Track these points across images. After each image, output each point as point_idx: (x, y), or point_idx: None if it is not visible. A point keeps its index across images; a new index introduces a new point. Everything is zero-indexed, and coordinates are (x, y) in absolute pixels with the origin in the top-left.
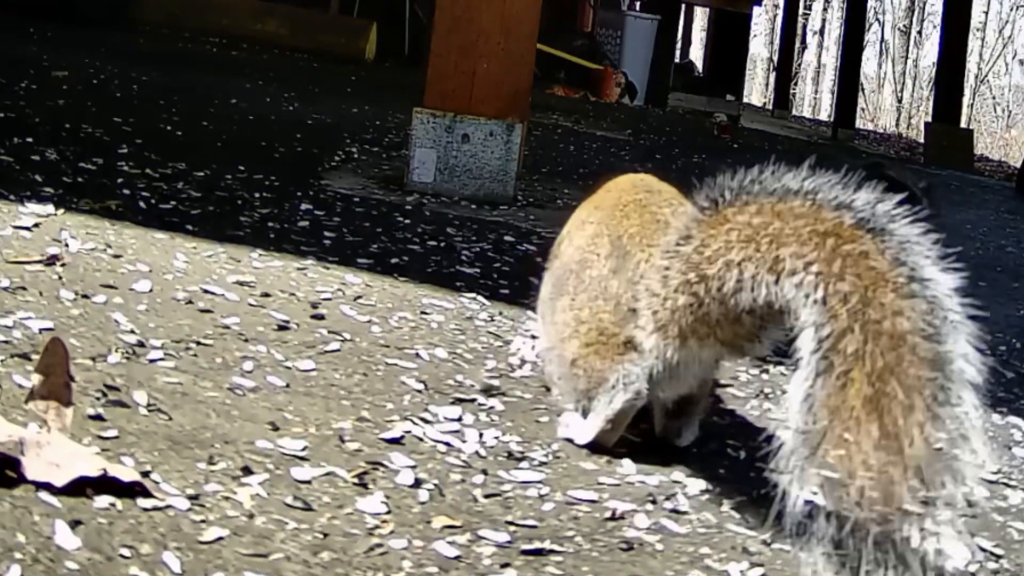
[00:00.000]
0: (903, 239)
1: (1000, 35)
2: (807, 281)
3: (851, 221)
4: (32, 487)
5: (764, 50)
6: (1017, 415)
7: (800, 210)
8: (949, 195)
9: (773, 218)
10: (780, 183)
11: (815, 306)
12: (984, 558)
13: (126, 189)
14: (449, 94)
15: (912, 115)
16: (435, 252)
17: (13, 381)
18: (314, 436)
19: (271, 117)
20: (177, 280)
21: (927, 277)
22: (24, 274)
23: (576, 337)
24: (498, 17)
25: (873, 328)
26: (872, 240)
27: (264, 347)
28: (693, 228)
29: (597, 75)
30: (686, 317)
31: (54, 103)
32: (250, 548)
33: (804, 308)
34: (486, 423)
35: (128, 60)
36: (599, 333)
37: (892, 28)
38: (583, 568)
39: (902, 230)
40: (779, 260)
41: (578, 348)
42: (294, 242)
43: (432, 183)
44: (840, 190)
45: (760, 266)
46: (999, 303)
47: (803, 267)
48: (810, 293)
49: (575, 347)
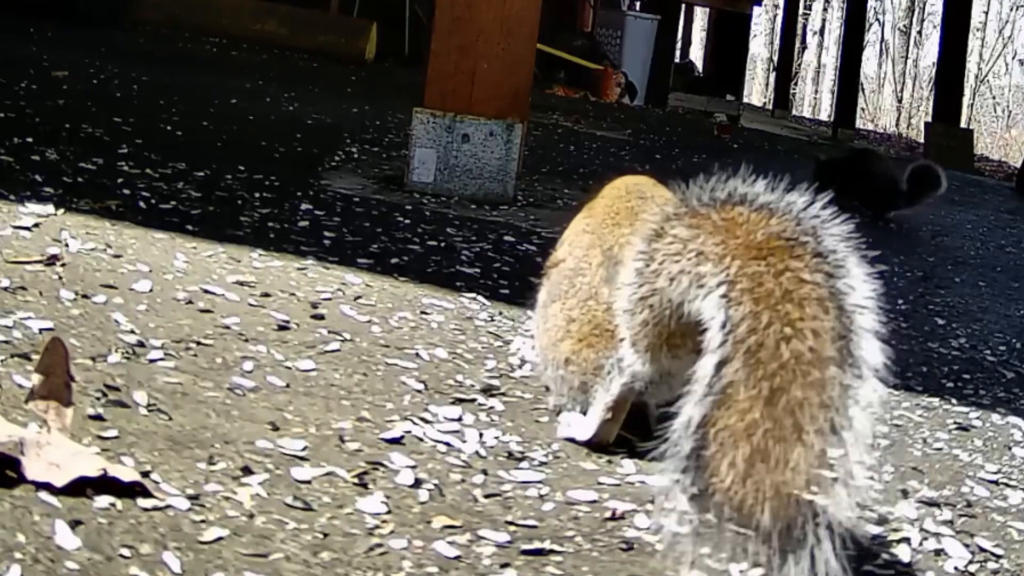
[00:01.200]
0: (829, 251)
1: (1000, 35)
2: (716, 300)
3: (778, 230)
4: (32, 487)
5: (764, 50)
6: (1017, 415)
7: (730, 222)
8: (949, 195)
9: (704, 231)
10: (720, 192)
11: (719, 329)
12: (984, 558)
13: (126, 189)
14: (449, 94)
15: (912, 115)
16: (435, 252)
17: (13, 381)
18: (314, 436)
19: (271, 117)
20: (177, 280)
21: (844, 291)
22: (24, 274)
23: (568, 337)
24: (498, 17)
25: (766, 352)
26: (793, 255)
27: (264, 347)
28: (645, 243)
29: (597, 75)
30: (651, 330)
31: (54, 103)
32: (250, 548)
33: (712, 327)
34: (486, 423)
35: (128, 60)
36: (592, 327)
37: (892, 28)
38: (583, 568)
39: (830, 242)
40: (701, 276)
41: (571, 346)
42: (294, 242)
43: (432, 183)
44: (775, 197)
45: (692, 281)
46: (999, 303)
47: (716, 285)
48: (715, 314)
49: (568, 346)
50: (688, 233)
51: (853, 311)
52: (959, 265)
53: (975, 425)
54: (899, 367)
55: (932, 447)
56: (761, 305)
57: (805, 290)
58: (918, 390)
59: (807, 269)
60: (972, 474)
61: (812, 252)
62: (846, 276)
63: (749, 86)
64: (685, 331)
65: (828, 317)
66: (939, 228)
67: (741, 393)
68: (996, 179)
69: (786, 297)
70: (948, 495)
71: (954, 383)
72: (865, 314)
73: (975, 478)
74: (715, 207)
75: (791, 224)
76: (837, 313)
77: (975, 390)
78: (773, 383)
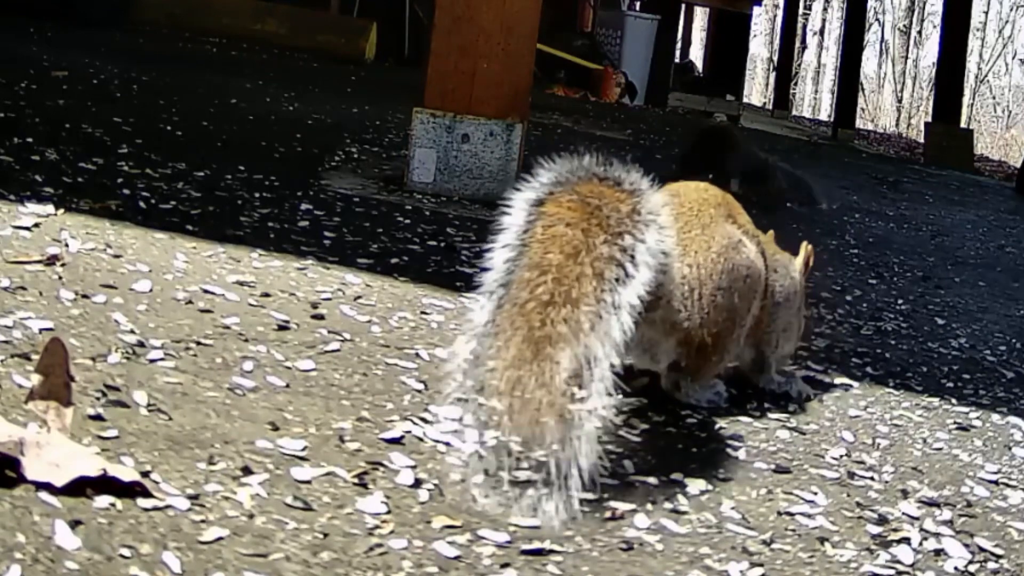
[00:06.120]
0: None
1: (1000, 35)
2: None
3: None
4: (32, 487)
5: (764, 50)
6: (1017, 415)
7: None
8: (949, 195)
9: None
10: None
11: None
12: (984, 558)
13: (126, 189)
14: (449, 94)
15: (912, 115)
16: (435, 252)
17: (13, 381)
18: (314, 436)
19: (271, 117)
20: (177, 280)
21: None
22: (24, 274)
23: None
24: (498, 17)
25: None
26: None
27: (264, 347)
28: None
29: (597, 75)
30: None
31: (54, 103)
32: (250, 548)
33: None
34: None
35: (128, 60)
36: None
37: (892, 28)
38: (583, 568)
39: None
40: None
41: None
42: (294, 242)
43: (432, 183)
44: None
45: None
46: (999, 303)
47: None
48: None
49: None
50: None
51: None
52: (959, 265)
53: (975, 425)
54: (899, 367)
55: (932, 447)
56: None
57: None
58: (918, 390)
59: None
60: (972, 474)
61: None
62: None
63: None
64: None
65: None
66: (939, 228)
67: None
68: (996, 179)
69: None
70: (948, 495)
71: (954, 383)
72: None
73: (975, 478)
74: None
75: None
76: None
77: (975, 390)
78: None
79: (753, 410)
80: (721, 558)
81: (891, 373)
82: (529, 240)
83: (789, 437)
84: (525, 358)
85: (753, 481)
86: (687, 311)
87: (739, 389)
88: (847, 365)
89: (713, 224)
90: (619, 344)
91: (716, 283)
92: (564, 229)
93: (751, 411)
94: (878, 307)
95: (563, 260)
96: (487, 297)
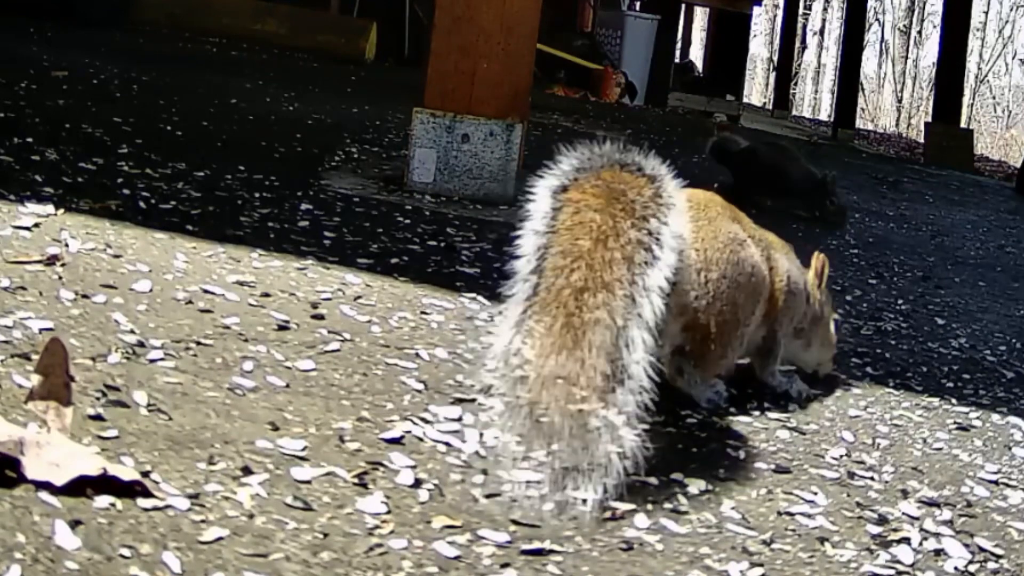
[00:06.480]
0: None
1: (1000, 35)
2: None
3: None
4: (32, 487)
5: (764, 50)
6: (1017, 415)
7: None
8: (949, 195)
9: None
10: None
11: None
12: (984, 558)
13: (126, 189)
14: (449, 94)
15: (912, 115)
16: (435, 252)
17: (13, 381)
18: (314, 436)
19: (271, 117)
20: (177, 280)
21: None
22: (24, 274)
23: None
24: (498, 17)
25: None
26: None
27: (264, 347)
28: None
29: (597, 75)
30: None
31: (54, 103)
32: (250, 548)
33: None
34: (486, 423)
35: (128, 60)
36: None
37: (892, 28)
38: (583, 568)
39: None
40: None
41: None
42: (294, 242)
43: (432, 183)
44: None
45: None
46: (999, 303)
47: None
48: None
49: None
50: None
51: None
52: (959, 265)
53: (975, 425)
54: (899, 367)
55: (932, 447)
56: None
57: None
58: (918, 390)
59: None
60: (972, 474)
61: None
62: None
63: (749, 86)
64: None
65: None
66: (939, 228)
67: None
68: (996, 179)
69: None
70: (948, 495)
71: (954, 383)
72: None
73: (975, 478)
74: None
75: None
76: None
77: (975, 390)
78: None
79: (753, 410)
80: (721, 558)
81: (891, 373)
82: (557, 227)
83: (789, 437)
84: (565, 345)
85: (753, 481)
86: (695, 292)
87: (739, 389)
88: (847, 365)
89: (719, 219)
90: (652, 327)
91: (722, 270)
92: (592, 215)
93: (751, 411)
94: (878, 307)
95: (593, 246)
96: (521, 284)
